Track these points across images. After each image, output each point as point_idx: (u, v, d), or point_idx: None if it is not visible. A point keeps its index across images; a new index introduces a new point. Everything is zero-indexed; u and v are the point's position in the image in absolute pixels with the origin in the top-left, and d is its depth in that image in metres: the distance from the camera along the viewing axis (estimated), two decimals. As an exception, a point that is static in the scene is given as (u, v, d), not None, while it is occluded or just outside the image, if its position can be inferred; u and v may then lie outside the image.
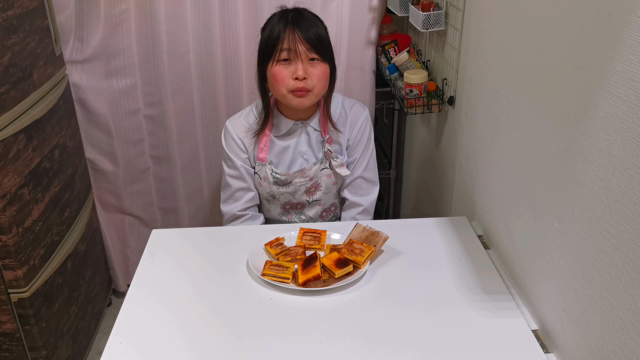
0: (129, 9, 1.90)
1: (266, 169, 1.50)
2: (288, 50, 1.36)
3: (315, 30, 1.38)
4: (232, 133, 1.50)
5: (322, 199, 1.55)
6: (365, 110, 1.55)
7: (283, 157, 1.51)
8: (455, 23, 1.52)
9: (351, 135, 1.53)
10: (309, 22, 1.38)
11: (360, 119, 1.53)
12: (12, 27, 1.46)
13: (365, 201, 1.58)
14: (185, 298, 1.13)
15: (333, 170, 1.51)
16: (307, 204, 1.55)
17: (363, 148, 1.54)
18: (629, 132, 0.74)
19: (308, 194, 1.53)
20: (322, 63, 1.39)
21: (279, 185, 1.50)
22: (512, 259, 1.18)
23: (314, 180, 1.52)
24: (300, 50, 1.36)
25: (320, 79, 1.40)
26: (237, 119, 1.53)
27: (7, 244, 1.47)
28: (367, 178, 1.58)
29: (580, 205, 0.88)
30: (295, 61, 1.37)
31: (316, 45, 1.37)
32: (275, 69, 1.38)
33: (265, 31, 1.42)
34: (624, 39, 0.74)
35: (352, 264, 1.19)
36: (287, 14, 1.39)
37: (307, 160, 1.51)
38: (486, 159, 1.32)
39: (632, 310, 0.75)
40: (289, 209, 1.56)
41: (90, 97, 1.97)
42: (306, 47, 1.36)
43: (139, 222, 2.28)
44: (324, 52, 1.39)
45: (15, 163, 1.48)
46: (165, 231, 1.37)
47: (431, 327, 1.04)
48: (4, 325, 1.57)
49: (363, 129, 1.53)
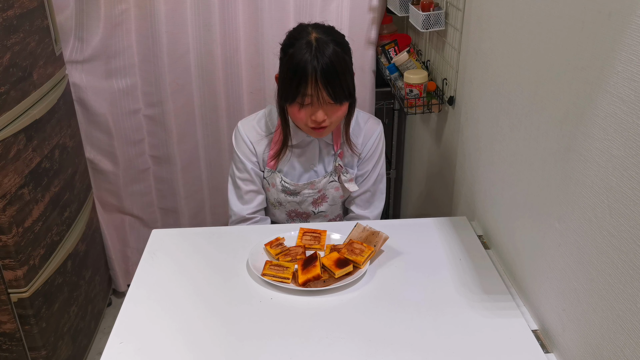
0: (129, 9, 1.90)
1: (275, 177, 1.49)
2: (310, 96, 1.32)
3: (338, 79, 1.31)
4: (244, 135, 1.49)
5: (327, 210, 1.55)
6: (380, 125, 1.54)
7: (293, 168, 1.50)
8: (455, 23, 1.52)
9: (364, 149, 1.52)
10: (334, 67, 1.30)
11: (374, 134, 1.52)
12: (12, 27, 1.46)
13: (371, 213, 1.58)
14: (185, 298, 1.13)
15: (341, 184, 1.51)
16: (312, 214, 1.55)
17: (374, 163, 1.54)
18: (629, 132, 0.74)
19: (314, 205, 1.52)
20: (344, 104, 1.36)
21: (287, 194, 1.50)
22: (512, 259, 1.18)
23: (322, 192, 1.51)
24: (322, 97, 1.32)
25: (340, 116, 1.38)
26: (250, 122, 1.51)
27: (7, 244, 1.47)
28: (375, 191, 1.57)
29: (580, 205, 0.88)
30: (316, 105, 1.33)
31: (337, 92, 1.32)
32: (295, 109, 1.35)
33: (288, 63, 1.33)
34: (624, 39, 0.74)
35: (352, 264, 1.19)
36: (311, 48, 1.29)
37: (317, 173, 1.51)
38: (486, 159, 1.32)
39: (632, 310, 0.75)
40: (294, 216, 1.56)
41: (90, 97, 1.97)
42: (328, 97, 1.32)
43: (139, 222, 2.28)
44: (345, 96, 1.34)
45: (15, 163, 1.48)
46: (165, 231, 1.37)
47: (431, 327, 1.04)
48: (4, 325, 1.57)
49: (376, 145, 1.52)
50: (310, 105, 1.33)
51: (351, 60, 1.39)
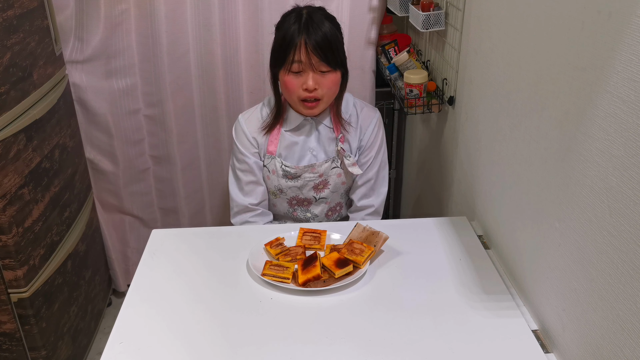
0: (129, 9, 1.90)
1: (275, 162, 1.51)
2: (299, 63, 1.37)
3: (327, 40, 1.37)
4: (244, 127, 1.52)
5: (328, 197, 1.56)
6: (377, 112, 1.57)
7: (292, 151, 1.52)
8: (455, 23, 1.52)
9: (363, 137, 1.55)
10: (321, 31, 1.36)
11: (372, 122, 1.55)
12: (12, 27, 1.46)
13: (375, 201, 1.60)
14: (185, 298, 1.13)
15: (345, 169, 1.52)
16: (313, 200, 1.56)
17: (376, 151, 1.57)
18: (629, 132, 0.74)
19: (316, 190, 1.54)
20: (333, 72, 1.41)
21: (288, 178, 1.52)
22: (512, 259, 1.18)
23: (323, 177, 1.53)
24: (312, 62, 1.37)
25: (331, 87, 1.42)
26: (250, 114, 1.55)
27: (7, 244, 1.47)
28: (378, 178, 1.60)
29: (580, 205, 0.88)
30: (306, 72, 1.38)
31: (327, 56, 1.37)
32: (287, 78, 1.40)
33: (279, 33, 1.41)
34: (624, 39, 0.74)
35: (352, 264, 1.19)
36: (301, 18, 1.38)
37: (316, 157, 1.53)
38: (486, 159, 1.32)
39: (632, 310, 0.75)
40: (295, 204, 1.57)
41: (90, 97, 1.97)
42: (317, 59, 1.37)
43: (139, 222, 2.28)
44: (335, 62, 1.39)
45: (15, 163, 1.48)
46: (165, 231, 1.37)
47: (431, 327, 1.04)
48: (4, 325, 1.57)
49: (376, 132, 1.56)
50: (301, 73, 1.38)
51: (341, 34, 1.44)
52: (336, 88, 1.44)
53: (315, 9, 1.43)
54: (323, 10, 1.44)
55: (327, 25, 1.38)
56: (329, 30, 1.38)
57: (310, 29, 1.36)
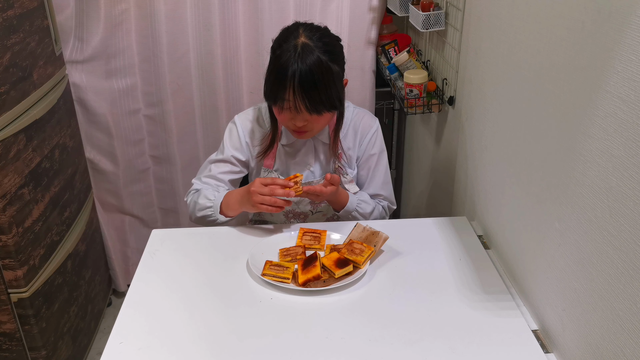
0: (129, 9, 1.90)
1: (272, 176, 1.49)
2: (288, 102, 1.28)
3: (317, 90, 1.26)
4: (240, 130, 1.48)
5: (325, 210, 1.54)
6: (376, 121, 1.51)
7: (289, 166, 1.49)
8: (455, 23, 1.52)
9: (361, 147, 1.50)
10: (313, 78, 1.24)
11: (370, 131, 1.49)
12: (12, 27, 1.46)
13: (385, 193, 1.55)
14: (185, 298, 1.13)
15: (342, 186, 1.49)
16: (310, 214, 1.54)
17: (375, 163, 1.51)
18: (629, 132, 0.74)
19: (312, 204, 1.51)
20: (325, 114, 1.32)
21: None
22: (512, 259, 1.18)
23: None
24: (299, 106, 1.28)
25: (323, 123, 1.36)
26: (247, 119, 1.49)
27: (7, 244, 1.47)
28: (379, 196, 1.54)
29: (580, 205, 0.88)
30: (294, 112, 1.30)
31: (316, 107, 1.27)
32: (277, 110, 1.33)
33: (272, 64, 1.30)
34: (624, 39, 0.74)
35: (352, 264, 1.19)
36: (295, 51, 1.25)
37: (314, 174, 1.50)
38: (486, 159, 1.32)
39: (632, 310, 0.75)
40: (291, 217, 1.55)
41: (90, 97, 1.97)
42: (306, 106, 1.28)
43: (139, 222, 2.29)
44: (325, 107, 1.29)
45: (15, 163, 1.48)
46: (165, 231, 1.37)
47: (431, 327, 1.04)
48: (4, 325, 1.57)
49: (374, 141, 1.49)
50: (289, 110, 1.30)
51: (342, 68, 1.34)
52: (327, 123, 1.37)
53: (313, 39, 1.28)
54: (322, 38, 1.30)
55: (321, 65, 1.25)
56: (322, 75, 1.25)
57: (301, 71, 1.24)
